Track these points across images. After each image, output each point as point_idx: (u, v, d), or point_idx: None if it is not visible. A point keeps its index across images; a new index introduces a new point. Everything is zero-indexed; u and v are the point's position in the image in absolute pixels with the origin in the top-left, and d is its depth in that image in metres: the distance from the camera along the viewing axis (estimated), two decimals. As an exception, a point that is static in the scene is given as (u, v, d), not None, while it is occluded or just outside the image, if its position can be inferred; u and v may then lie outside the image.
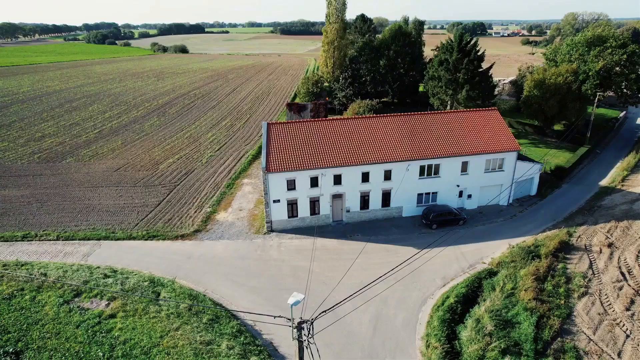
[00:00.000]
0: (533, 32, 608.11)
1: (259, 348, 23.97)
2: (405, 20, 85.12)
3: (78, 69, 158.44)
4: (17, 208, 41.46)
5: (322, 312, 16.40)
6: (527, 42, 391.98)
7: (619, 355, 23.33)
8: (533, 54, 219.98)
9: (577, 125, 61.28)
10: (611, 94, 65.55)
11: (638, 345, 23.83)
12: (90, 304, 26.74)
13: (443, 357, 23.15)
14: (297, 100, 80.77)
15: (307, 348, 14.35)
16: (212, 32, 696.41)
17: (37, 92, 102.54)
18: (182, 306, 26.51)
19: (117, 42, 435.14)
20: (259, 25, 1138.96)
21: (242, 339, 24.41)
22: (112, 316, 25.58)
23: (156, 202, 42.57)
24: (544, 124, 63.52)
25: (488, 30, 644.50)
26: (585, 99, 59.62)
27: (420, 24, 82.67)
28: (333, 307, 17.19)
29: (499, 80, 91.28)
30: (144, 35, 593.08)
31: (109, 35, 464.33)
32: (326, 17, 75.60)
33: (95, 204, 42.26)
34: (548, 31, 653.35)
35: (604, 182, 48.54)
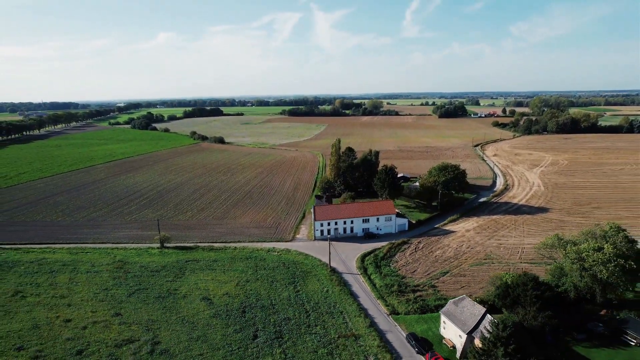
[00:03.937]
0: (507, 112, 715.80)
1: (322, 261, 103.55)
2: (370, 152, 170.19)
3: (169, 161, 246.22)
4: (227, 233, 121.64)
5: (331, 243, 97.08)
6: (497, 124, 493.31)
7: (408, 273, 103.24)
8: (475, 145, 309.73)
9: (439, 203, 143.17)
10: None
11: (407, 266, 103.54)
12: (274, 253, 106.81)
13: (360, 261, 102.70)
14: (316, 190, 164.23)
15: (330, 246, 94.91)
16: (229, 114, 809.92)
17: (172, 184, 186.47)
18: (294, 253, 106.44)
19: (155, 126, 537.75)
20: (267, 103, 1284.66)
21: (317, 259, 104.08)
22: (280, 255, 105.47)
23: (272, 232, 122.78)
24: (427, 202, 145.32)
25: (469, 110, 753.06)
26: (438, 192, 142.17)
27: (376, 153, 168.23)
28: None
29: (420, 175, 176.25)
30: (173, 118, 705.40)
31: (148, 121, 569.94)
32: (331, 153, 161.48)
33: (251, 233, 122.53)
34: (516, 110, 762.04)
35: (437, 225, 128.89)
